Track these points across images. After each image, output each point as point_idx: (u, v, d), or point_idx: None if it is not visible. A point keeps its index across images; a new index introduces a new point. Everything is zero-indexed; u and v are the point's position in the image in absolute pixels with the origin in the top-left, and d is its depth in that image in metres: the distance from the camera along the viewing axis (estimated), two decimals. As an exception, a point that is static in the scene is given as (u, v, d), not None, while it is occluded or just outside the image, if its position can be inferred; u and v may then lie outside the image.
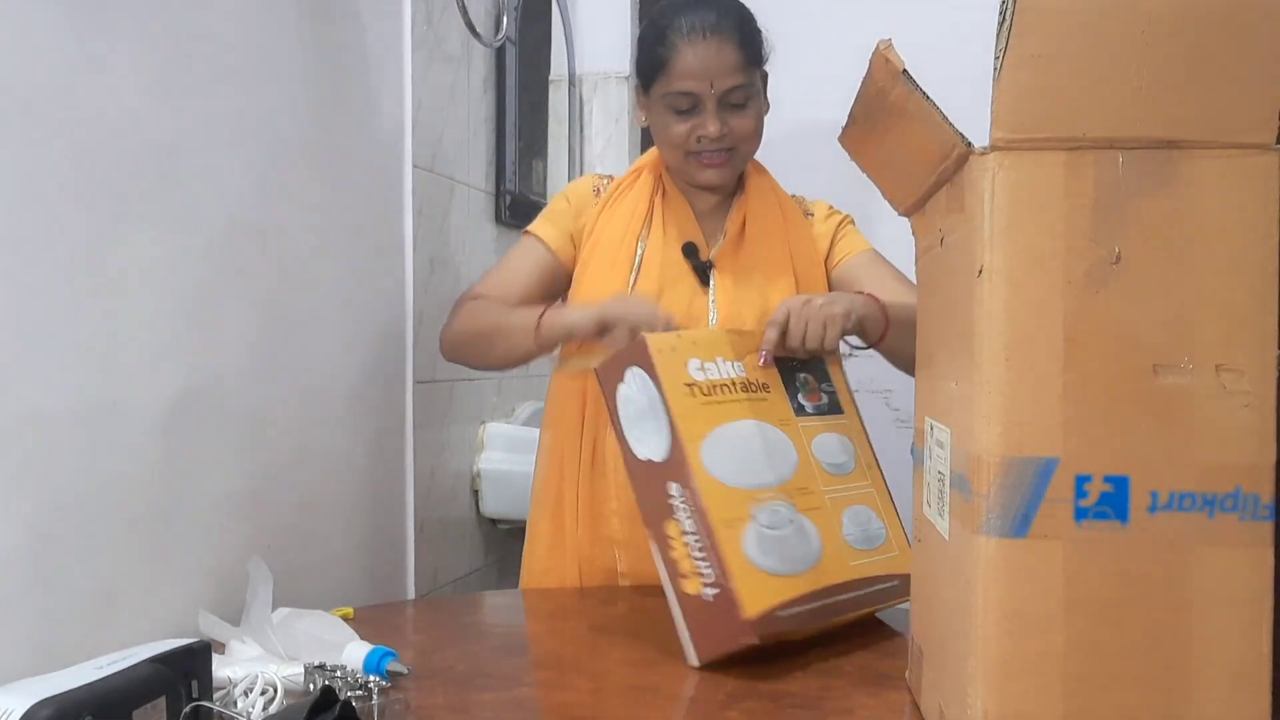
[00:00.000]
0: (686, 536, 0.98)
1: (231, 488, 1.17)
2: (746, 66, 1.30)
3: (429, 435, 1.66)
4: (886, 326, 1.24)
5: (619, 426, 1.05)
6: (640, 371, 1.04)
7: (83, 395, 0.96)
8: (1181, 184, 0.66)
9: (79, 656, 0.80)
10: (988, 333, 0.68)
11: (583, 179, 1.47)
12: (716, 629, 0.96)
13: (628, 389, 1.05)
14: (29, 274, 0.91)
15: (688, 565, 0.98)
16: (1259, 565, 0.66)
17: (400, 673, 0.93)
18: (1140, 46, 0.65)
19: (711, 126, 1.30)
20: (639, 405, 1.04)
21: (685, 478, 0.99)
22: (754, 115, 1.33)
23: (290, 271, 1.28)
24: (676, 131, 1.32)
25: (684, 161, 1.35)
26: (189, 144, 1.10)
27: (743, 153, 1.35)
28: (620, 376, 1.05)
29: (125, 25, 1.00)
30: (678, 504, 0.99)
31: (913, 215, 0.92)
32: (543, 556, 1.37)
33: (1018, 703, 0.68)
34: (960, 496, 0.73)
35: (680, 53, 1.29)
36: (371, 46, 1.50)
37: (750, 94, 1.32)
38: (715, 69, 1.28)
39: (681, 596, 0.99)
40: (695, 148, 1.32)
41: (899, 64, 0.73)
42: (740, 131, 1.32)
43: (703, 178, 1.35)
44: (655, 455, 1.02)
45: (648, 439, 1.02)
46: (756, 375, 1.12)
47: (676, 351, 1.06)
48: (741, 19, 1.32)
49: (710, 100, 1.29)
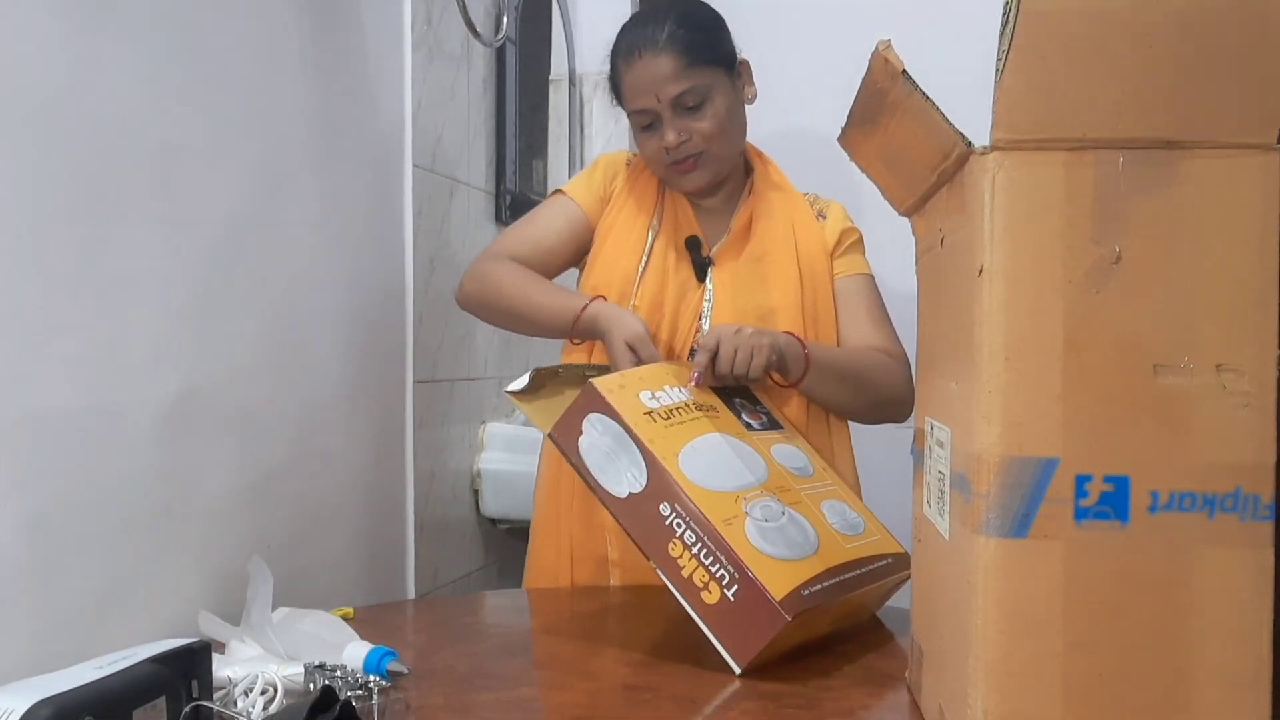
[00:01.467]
0: (692, 549, 0.98)
1: (231, 488, 1.17)
2: (688, 68, 1.29)
3: (429, 435, 1.66)
4: (806, 369, 1.26)
5: (591, 477, 1.05)
6: (598, 415, 1.05)
7: (83, 395, 0.96)
8: (1181, 184, 0.66)
9: (79, 656, 0.80)
10: (988, 333, 0.68)
11: (617, 151, 1.49)
12: (749, 625, 0.95)
13: (588, 438, 1.05)
14: (29, 274, 0.91)
15: (702, 576, 0.97)
16: (1259, 565, 0.66)
17: (400, 673, 0.93)
18: (1141, 47, 0.65)
19: (669, 136, 1.31)
20: (604, 448, 1.04)
21: (673, 494, 1.00)
22: (713, 114, 1.31)
23: (290, 271, 1.28)
24: (649, 149, 1.35)
25: (668, 175, 1.37)
26: (189, 144, 1.10)
27: (714, 152, 1.34)
28: (578, 430, 1.06)
29: (125, 25, 1.00)
30: (673, 521, 0.99)
31: (913, 215, 0.92)
32: (539, 545, 1.38)
33: (1018, 702, 0.68)
34: (960, 496, 0.73)
35: (625, 75, 1.33)
36: (371, 46, 1.50)
37: (702, 95, 1.30)
38: (656, 81, 1.29)
39: (705, 610, 0.98)
40: (667, 160, 1.33)
41: (899, 64, 0.73)
42: (702, 132, 1.31)
43: (683, 186, 1.37)
44: (636, 487, 1.02)
45: (623, 475, 1.03)
46: (702, 398, 1.15)
47: (625, 389, 1.08)
48: (680, 23, 1.31)
49: (664, 111, 1.30)
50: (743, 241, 1.37)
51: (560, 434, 1.08)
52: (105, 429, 0.99)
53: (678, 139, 1.31)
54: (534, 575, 1.38)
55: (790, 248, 1.36)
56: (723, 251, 1.37)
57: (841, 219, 1.42)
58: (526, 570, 1.41)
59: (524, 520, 1.92)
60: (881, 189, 0.95)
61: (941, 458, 0.79)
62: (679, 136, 1.31)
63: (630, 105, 1.34)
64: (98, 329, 0.98)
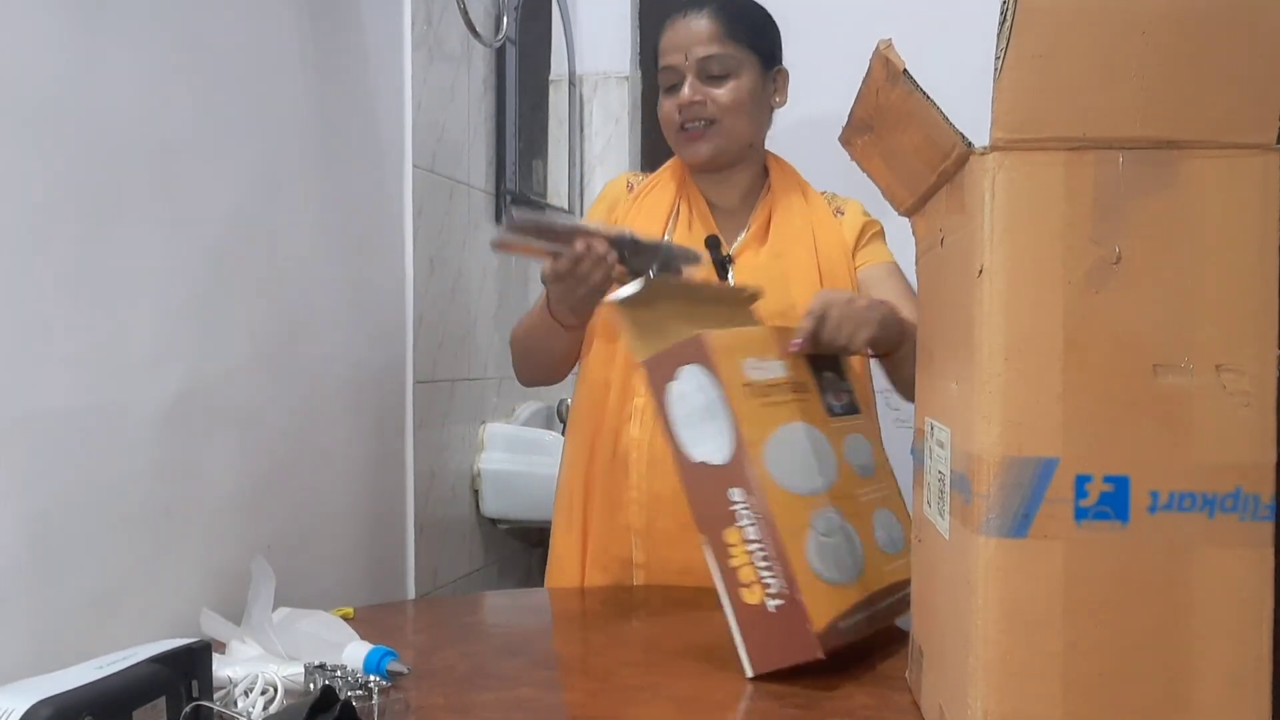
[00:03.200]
0: (750, 545, 0.95)
1: (232, 488, 1.17)
2: (724, 38, 1.31)
3: (429, 435, 1.66)
4: (899, 344, 1.20)
5: (670, 425, 1.00)
6: (698, 370, 0.99)
7: (83, 395, 0.96)
8: (1181, 184, 0.66)
9: (79, 656, 0.80)
10: (988, 333, 0.68)
11: (617, 178, 1.48)
12: (779, 641, 0.94)
13: (682, 386, 0.99)
14: (29, 274, 0.90)
15: (749, 574, 0.95)
16: (1259, 565, 0.66)
17: (400, 673, 0.93)
18: (1140, 46, 0.65)
19: (685, 92, 1.32)
20: (695, 405, 0.99)
21: (750, 484, 0.95)
22: (735, 89, 1.32)
23: (290, 271, 1.28)
24: (666, 110, 1.35)
25: (676, 142, 1.36)
26: (189, 144, 1.10)
27: (726, 126, 1.33)
28: (672, 374, 1.00)
29: (125, 25, 1.00)
30: (740, 510, 0.95)
31: (913, 215, 0.92)
32: (561, 547, 1.36)
33: (1018, 703, 0.68)
34: (960, 496, 0.73)
35: (665, 33, 1.35)
36: (371, 46, 1.50)
37: (730, 67, 1.32)
38: (690, 40, 1.31)
39: (740, 606, 0.95)
40: (679, 122, 1.33)
41: (900, 63, 0.73)
42: (719, 102, 1.32)
43: (688, 154, 1.36)
44: (714, 458, 0.97)
45: (705, 441, 0.98)
46: (797, 373, 1.09)
47: (732, 351, 1.01)
48: (734, 2, 1.34)
49: (688, 71, 1.32)
50: (761, 240, 1.37)
51: (653, 369, 1.02)
52: (105, 429, 0.99)
53: (691, 97, 1.31)
54: (556, 576, 1.37)
55: (809, 246, 1.36)
56: (742, 249, 1.36)
57: (859, 214, 1.42)
58: (548, 572, 1.40)
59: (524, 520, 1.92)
60: (882, 188, 0.95)
61: (941, 458, 0.79)
62: (693, 96, 1.31)
63: (661, 62, 1.35)
64: (98, 329, 0.98)
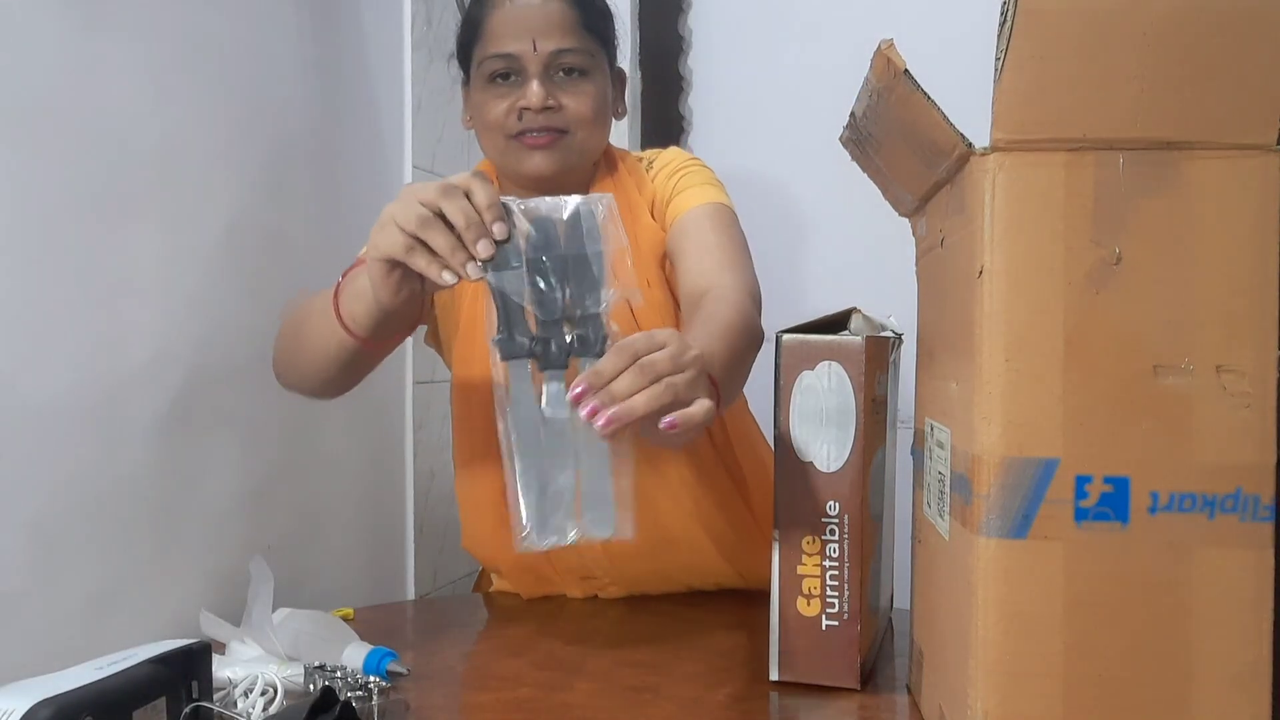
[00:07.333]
0: (826, 561, 0.93)
1: (231, 488, 1.17)
2: (580, 28, 1.08)
3: (429, 435, 1.66)
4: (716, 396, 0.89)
5: (785, 412, 0.95)
6: (842, 372, 0.93)
7: (84, 395, 0.96)
8: (1182, 184, 0.66)
9: (79, 656, 0.80)
10: (988, 333, 0.68)
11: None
12: (821, 659, 0.93)
13: (816, 380, 0.94)
14: (30, 274, 0.91)
15: (814, 586, 0.93)
16: (1259, 566, 0.66)
17: (400, 673, 0.93)
18: (1141, 47, 0.65)
19: (535, 90, 1.06)
20: (825, 406, 0.94)
21: (853, 505, 0.93)
22: (591, 94, 1.09)
23: (290, 271, 1.28)
24: (495, 111, 1.09)
25: (506, 150, 1.10)
26: (189, 144, 1.10)
27: (579, 140, 1.10)
28: (812, 364, 0.94)
29: (125, 25, 1.00)
30: (833, 527, 0.93)
31: (913, 216, 0.92)
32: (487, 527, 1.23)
33: (1018, 704, 0.68)
34: (960, 497, 0.73)
35: (492, 12, 1.09)
36: (371, 46, 1.50)
37: (587, 66, 1.08)
38: (539, 25, 1.06)
39: (791, 613, 0.94)
40: (517, 127, 1.08)
41: (900, 64, 0.73)
42: (574, 111, 1.08)
43: (530, 165, 1.09)
44: (824, 465, 0.94)
45: (823, 445, 0.94)
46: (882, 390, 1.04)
47: (873, 362, 0.97)
48: None
49: (534, 63, 1.06)
50: None
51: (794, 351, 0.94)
52: (106, 429, 0.98)
53: (544, 101, 1.06)
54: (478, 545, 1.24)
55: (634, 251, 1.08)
56: None
57: (665, 163, 1.17)
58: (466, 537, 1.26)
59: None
60: (882, 190, 0.95)
61: (941, 458, 0.79)
62: (546, 99, 1.06)
63: (491, 48, 1.08)
64: (99, 329, 0.98)
